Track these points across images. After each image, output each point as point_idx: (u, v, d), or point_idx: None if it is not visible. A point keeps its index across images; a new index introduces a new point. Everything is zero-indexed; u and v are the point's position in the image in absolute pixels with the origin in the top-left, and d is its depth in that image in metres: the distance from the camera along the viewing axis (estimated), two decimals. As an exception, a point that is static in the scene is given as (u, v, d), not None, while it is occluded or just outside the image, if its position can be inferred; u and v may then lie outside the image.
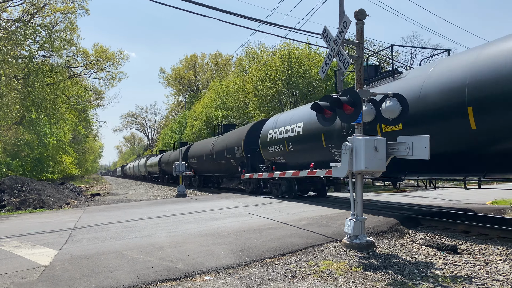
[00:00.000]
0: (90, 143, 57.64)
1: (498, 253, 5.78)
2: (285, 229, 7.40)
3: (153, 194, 22.58)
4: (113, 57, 33.52)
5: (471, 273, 4.92)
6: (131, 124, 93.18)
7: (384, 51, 21.64)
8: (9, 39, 19.02)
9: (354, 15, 6.20)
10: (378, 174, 6.08)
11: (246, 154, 17.31)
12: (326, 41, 6.59)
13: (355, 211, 6.01)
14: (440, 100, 7.37)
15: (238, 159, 18.06)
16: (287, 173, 12.83)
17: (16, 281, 4.77)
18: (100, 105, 40.84)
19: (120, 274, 4.90)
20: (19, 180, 17.55)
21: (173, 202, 14.49)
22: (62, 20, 25.02)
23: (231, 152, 18.98)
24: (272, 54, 30.32)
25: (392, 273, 4.83)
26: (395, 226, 7.60)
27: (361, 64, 6.26)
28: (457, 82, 7.11)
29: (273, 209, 10.48)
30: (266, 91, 27.33)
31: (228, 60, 56.71)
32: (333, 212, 9.45)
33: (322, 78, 6.81)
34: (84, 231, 8.14)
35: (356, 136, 5.86)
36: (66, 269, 5.19)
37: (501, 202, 11.32)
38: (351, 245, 5.95)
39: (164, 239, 6.93)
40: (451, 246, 6.13)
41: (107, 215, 10.81)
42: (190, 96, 64.47)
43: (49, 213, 12.50)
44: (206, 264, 5.23)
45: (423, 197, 13.88)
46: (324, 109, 6.48)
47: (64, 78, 24.61)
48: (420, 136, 5.56)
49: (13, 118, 21.09)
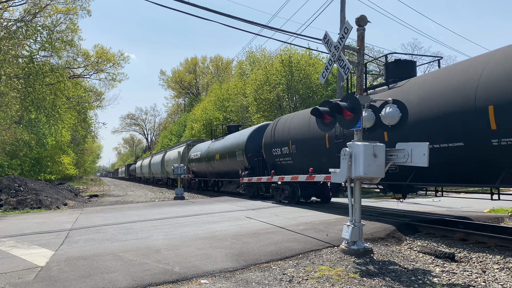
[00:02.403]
0: (89, 144, 57.60)
1: (496, 262, 5.77)
2: (283, 234, 7.39)
3: (151, 196, 22.52)
4: (114, 58, 33.62)
5: (468, 281, 4.91)
6: (130, 125, 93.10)
7: (383, 58, 21.67)
8: (10, 39, 19.05)
9: (356, 21, 6.22)
10: (377, 180, 6.08)
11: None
12: (327, 47, 6.61)
13: (353, 217, 6.00)
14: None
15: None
16: (285, 177, 12.80)
17: (12, 281, 4.74)
18: (100, 106, 40.93)
19: (116, 276, 4.88)
20: (17, 180, 17.50)
21: (171, 204, 14.46)
22: (64, 21, 25.10)
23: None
24: (273, 59, 30.42)
25: (390, 280, 4.82)
26: (393, 232, 7.59)
27: (361, 70, 6.28)
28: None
29: (271, 213, 10.46)
30: (266, 95, 27.37)
31: (229, 63, 56.82)
32: (331, 217, 9.43)
33: (322, 83, 6.81)
34: (81, 232, 8.11)
35: (355, 142, 5.86)
36: (63, 270, 5.16)
37: (499, 210, 11.32)
38: (349, 251, 5.93)
39: (161, 241, 6.90)
40: (448, 253, 6.12)
41: (104, 217, 10.78)
42: (190, 98, 64.53)
43: (47, 214, 12.46)
44: (203, 268, 5.21)
45: (421, 204, 13.87)
46: (324, 114, 6.48)
47: (64, 79, 24.64)
48: (419, 143, 5.57)
49: (12, 118, 21.07)
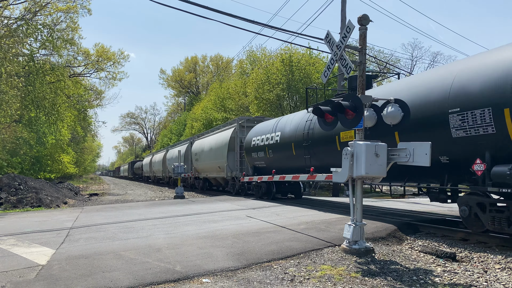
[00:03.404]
0: (89, 142, 57.61)
1: (497, 262, 5.77)
2: (284, 233, 7.38)
3: (151, 195, 22.52)
4: (114, 57, 33.62)
5: (470, 281, 4.90)
6: (130, 124, 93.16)
7: (384, 57, 21.68)
8: (10, 37, 19.03)
9: (358, 20, 6.21)
10: (379, 180, 6.07)
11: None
12: (328, 46, 6.59)
13: (355, 216, 6.00)
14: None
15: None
16: (287, 176, 12.80)
17: (13, 279, 4.73)
18: (100, 105, 40.96)
19: (117, 274, 4.87)
20: (17, 178, 17.49)
21: (170, 203, 14.45)
22: (64, 19, 25.08)
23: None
24: (273, 58, 30.41)
25: (391, 279, 4.82)
26: (394, 232, 7.59)
27: (363, 69, 6.27)
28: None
29: (271, 212, 10.46)
30: (266, 95, 27.37)
31: (229, 62, 56.82)
32: (331, 216, 9.43)
33: (324, 82, 6.81)
34: (81, 231, 8.10)
35: (357, 141, 5.85)
36: (64, 269, 5.15)
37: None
38: (350, 250, 5.93)
39: (162, 240, 6.90)
40: (450, 253, 6.12)
41: (105, 215, 10.77)
42: (190, 98, 64.54)
43: (47, 212, 12.45)
44: (204, 267, 5.20)
45: (422, 204, 13.87)
46: (325, 113, 6.48)
47: (65, 78, 24.62)
48: (421, 143, 5.56)
49: (12, 116, 21.05)
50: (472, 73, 6.85)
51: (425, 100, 7.60)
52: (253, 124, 18.05)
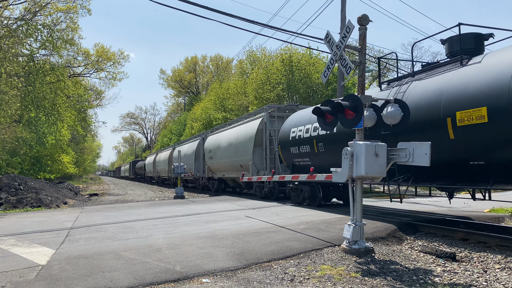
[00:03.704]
0: (89, 143, 57.61)
1: (497, 261, 5.77)
2: (284, 233, 7.38)
3: (151, 195, 22.53)
4: (114, 57, 33.63)
5: (470, 280, 4.91)
6: (130, 124, 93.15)
7: (385, 57, 21.69)
8: (10, 37, 19.03)
9: (357, 20, 6.21)
10: (378, 180, 6.07)
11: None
12: (328, 46, 6.60)
13: (354, 216, 6.00)
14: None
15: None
16: (286, 176, 12.79)
17: (13, 280, 4.73)
18: (100, 105, 40.98)
19: (117, 274, 4.87)
20: (17, 178, 17.50)
21: (170, 204, 14.46)
22: (64, 20, 25.09)
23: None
24: (273, 58, 30.42)
25: (391, 279, 4.82)
26: (394, 232, 7.59)
27: (363, 69, 6.27)
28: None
29: (271, 212, 10.46)
30: (266, 95, 27.38)
31: (229, 62, 56.84)
32: (331, 216, 9.43)
33: (324, 82, 6.80)
34: (81, 231, 8.11)
35: (357, 141, 5.85)
36: (64, 269, 5.16)
37: (499, 210, 11.32)
38: (350, 250, 5.93)
39: (162, 240, 6.90)
40: (449, 253, 6.12)
41: (105, 215, 10.78)
42: (190, 98, 64.53)
43: (47, 212, 12.45)
44: (204, 267, 5.21)
45: (421, 204, 13.87)
46: (325, 113, 6.48)
47: (65, 78, 24.62)
48: (421, 143, 5.56)
49: (12, 116, 21.05)
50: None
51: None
52: (285, 114, 15.11)
